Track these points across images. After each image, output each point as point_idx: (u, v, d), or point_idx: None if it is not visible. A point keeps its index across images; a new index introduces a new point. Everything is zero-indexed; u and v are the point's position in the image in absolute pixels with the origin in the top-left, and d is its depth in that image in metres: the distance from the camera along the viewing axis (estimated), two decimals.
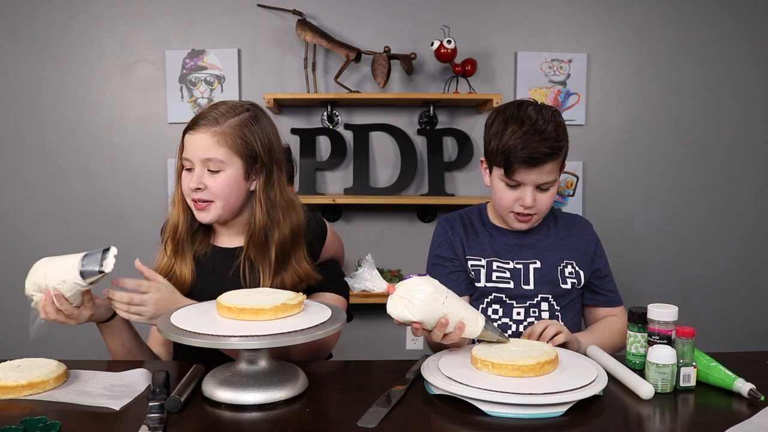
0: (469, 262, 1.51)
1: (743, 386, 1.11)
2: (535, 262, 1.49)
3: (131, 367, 1.24)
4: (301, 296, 1.17)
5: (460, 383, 1.06)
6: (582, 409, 1.04)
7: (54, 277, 1.17)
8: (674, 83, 2.65)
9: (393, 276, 2.59)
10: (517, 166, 1.37)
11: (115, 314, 1.31)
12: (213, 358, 1.24)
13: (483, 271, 1.49)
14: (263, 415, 1.04)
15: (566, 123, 1.46)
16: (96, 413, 1.04)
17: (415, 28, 2.59)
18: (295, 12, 2.50)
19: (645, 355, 1.19)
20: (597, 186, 2.68)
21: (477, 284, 1.49)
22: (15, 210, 2.62)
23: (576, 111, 2.63)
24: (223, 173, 1.32)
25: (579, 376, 1.10)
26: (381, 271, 2.58)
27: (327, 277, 1.44)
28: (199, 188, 1.32)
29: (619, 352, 1.42)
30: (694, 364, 1.15)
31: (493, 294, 1.48)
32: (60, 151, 2.61)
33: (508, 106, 1.45)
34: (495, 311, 1.47)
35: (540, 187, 1.42)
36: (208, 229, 1.45)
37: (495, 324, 1.45)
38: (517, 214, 1.45)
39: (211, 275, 1.39)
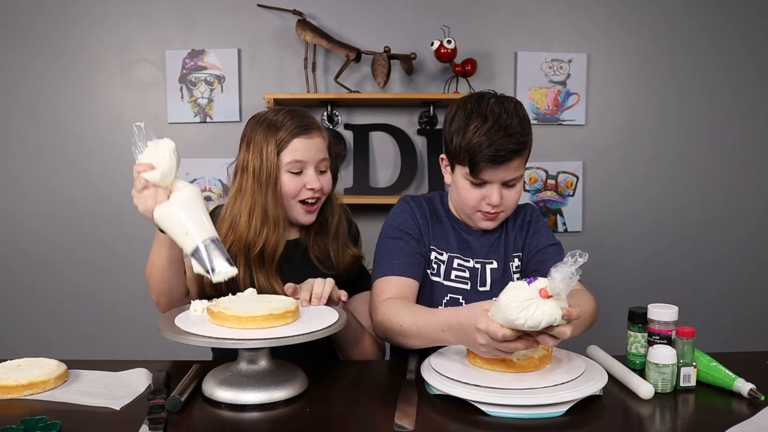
0: (432, 253, 1.44)
1: (743, 386, 1.11)
2: (492, 262, 1.44)
3: (131, 367, 1.24)
4: (297, 302, 1.19)
5: (458, 381, 1.06)
6: (582, 409, 1.04)
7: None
8: (674, 83, 2.65)
9: None
10: (483, 164, 1.31)
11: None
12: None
13: (443, 267, 1.43)
14: (263, 415, 1.04)
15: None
16: (96, 413, 1.04)
17: (415, 28, 2.59)
18: (295, 12, 2.50)
19: (645, 355, 1.19)
20: (597, 186, 2.68)
21: (434, 278, 1.43)
22: (15, 210, 2.62)
23: (576, 111, 2.62)
24: (328, 172, 1.45)
25: (573, 368, 1.11)
26: None
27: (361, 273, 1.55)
28: (319, 188, 1.41)
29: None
30: (694, 364, 1.15)
31: (449, 295, 1.42)
32: (60, 151, 2.61)
33: (467, 99, 1.38)
34: None
35: (506, 184, 1.36)
36: None
37: None
38: (484, 212, 1.39)
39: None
